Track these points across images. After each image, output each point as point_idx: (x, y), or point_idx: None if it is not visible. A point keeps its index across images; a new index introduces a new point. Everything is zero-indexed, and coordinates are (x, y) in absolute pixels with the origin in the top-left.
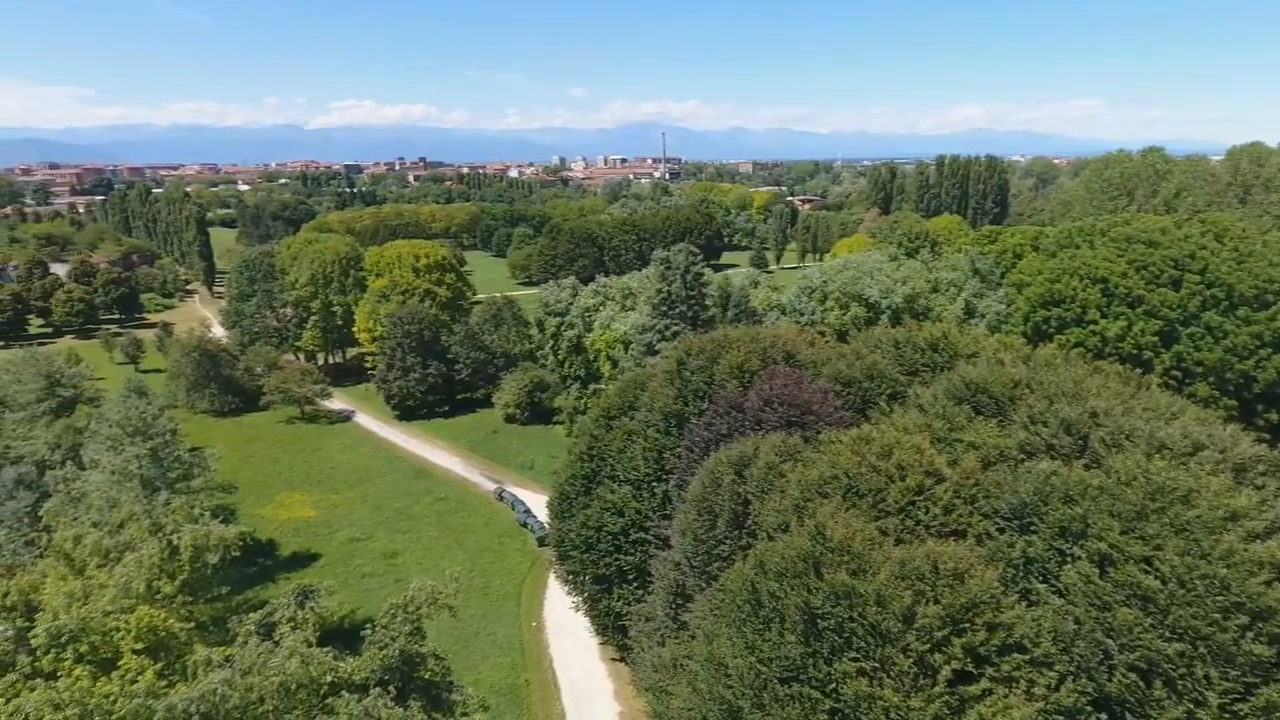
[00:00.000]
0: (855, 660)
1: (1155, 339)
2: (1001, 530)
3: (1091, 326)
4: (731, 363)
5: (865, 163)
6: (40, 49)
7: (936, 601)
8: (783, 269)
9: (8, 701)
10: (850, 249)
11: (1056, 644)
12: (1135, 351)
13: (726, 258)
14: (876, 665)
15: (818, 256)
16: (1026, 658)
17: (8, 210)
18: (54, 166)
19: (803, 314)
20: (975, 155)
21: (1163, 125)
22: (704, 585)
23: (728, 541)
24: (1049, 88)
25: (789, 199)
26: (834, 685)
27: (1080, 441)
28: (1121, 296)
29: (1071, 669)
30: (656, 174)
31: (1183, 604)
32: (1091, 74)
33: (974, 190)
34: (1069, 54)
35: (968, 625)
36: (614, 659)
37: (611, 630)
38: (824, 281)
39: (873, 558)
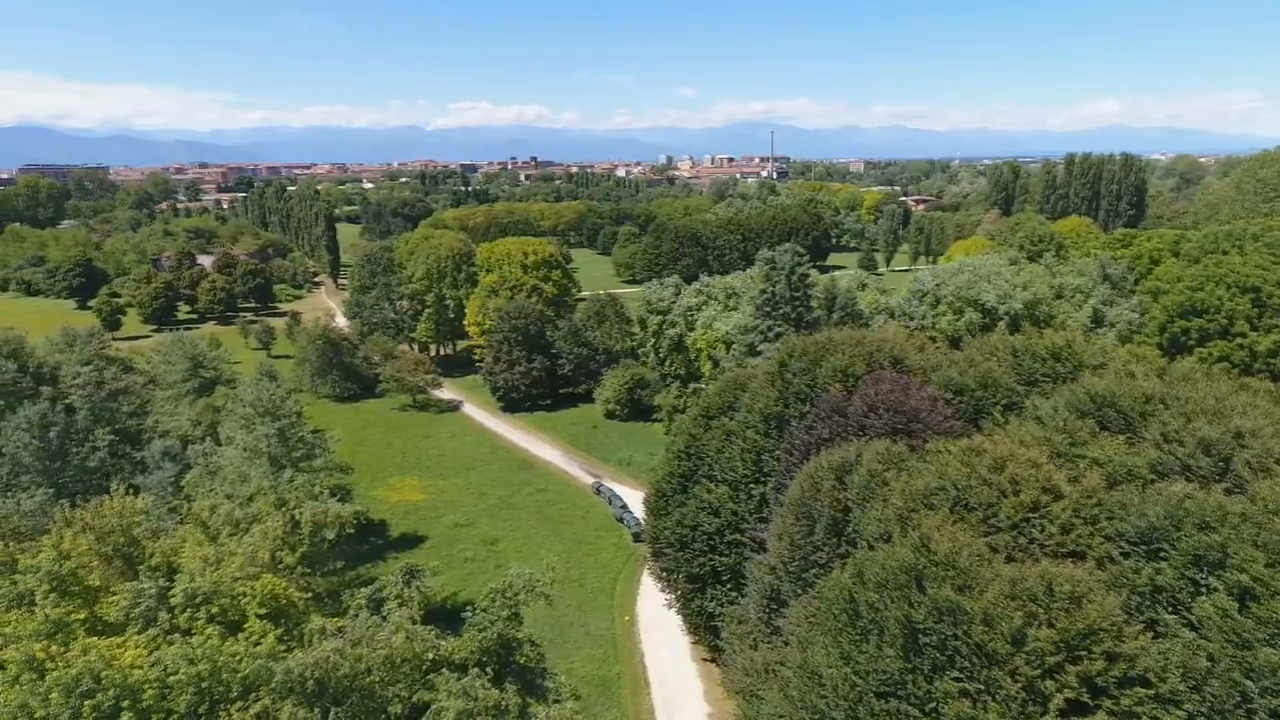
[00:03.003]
0: (958, 680)
1: None
2: (1126, 555)
3: (1239, 339)
4: (835, 366)
5: (985, 162)
6: (192, 59)
7: (1050, 625)
8: (893, 271)
9: (150, 653)
10: (967, 251)
11: (1186, 681)
12: None
13: (834, 259)
14: (981, 687)
15: (931, 259)
16: (1151, 693)
17: (163, 206)
18: (203, 165)
19: (912, 318)
20: (1109, 153)
21: None
22: (799, 591)
23: (826, 548)
24: (1196, 80)
25: (902, 199)
26: (934, 705)
27: (1221, 463)
28: (1276, 307)
29: (1203, 709)
30: (764, 173)
31: None
32: (1246, 63)
33: (1106, 191)
34: (1220, 42)
35: (1084, 653)
36: (705, 659)
37: (703, 630)
38: (937, 285)
39: (980, 574)
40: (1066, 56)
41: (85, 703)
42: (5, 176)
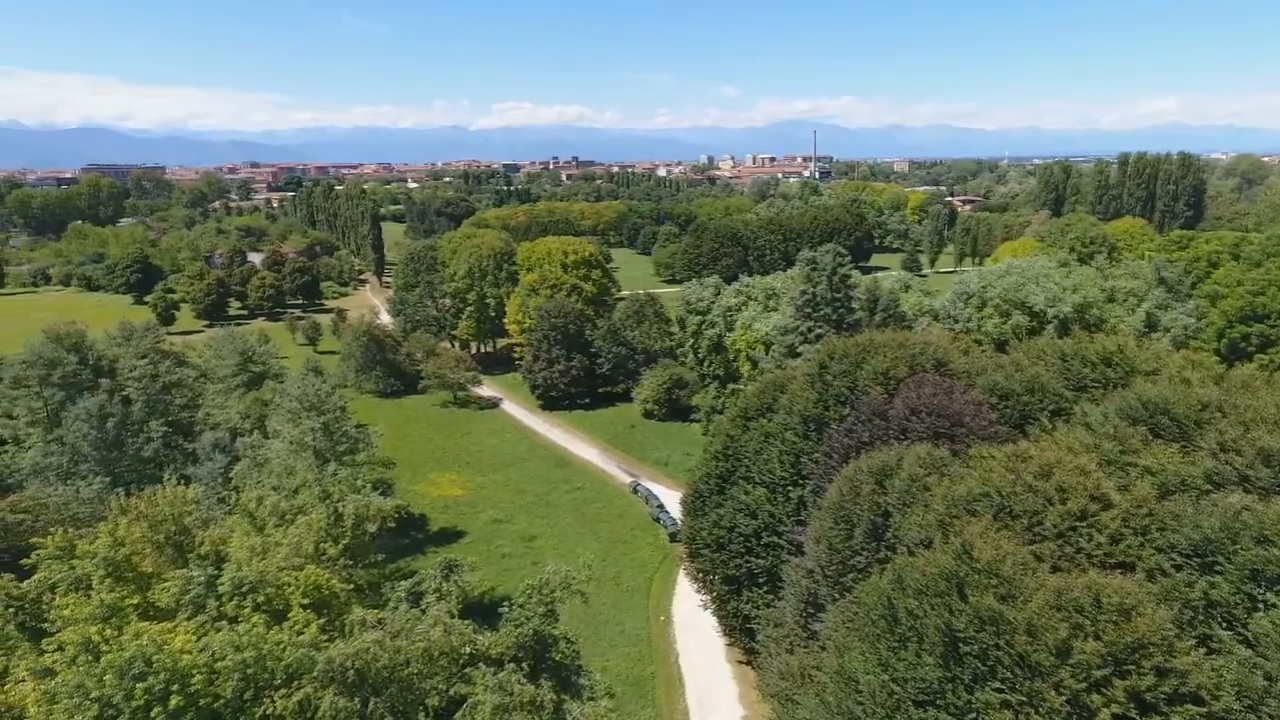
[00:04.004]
0: (1000, 691)
1: None
2: (1178, 567)
3: None
4: (876, 368)
5: (1035, 161)
6: (245, 61)
7: (1097, 638)
8: (937, 273)
9: (199, 639)
10: (1014, 253)
11: (1241, 700)
12: None
13: (877, 260)
14: (1024, 699)
15: (977, 261)
16: (1203, 710)
17: (216, 205)
18: (254, 165)
19: (957, 321)
20: (1165, 152)
21: None
22: (837, 595)
23: (864, 553)
24: (1260, 76)
25: (947, 199)
26: (974, 715)
27: None
28: None
29: None
30: (806, 173)
31: None
32: None
33: (1162, 191)
34: None
35: (1133, 667)
36: (740, 661)
37: (739, 632)
38: (983, 287)
39: (1024, 584)
40: (1121, 52)
41: (137, 685)
42: (69, 175)
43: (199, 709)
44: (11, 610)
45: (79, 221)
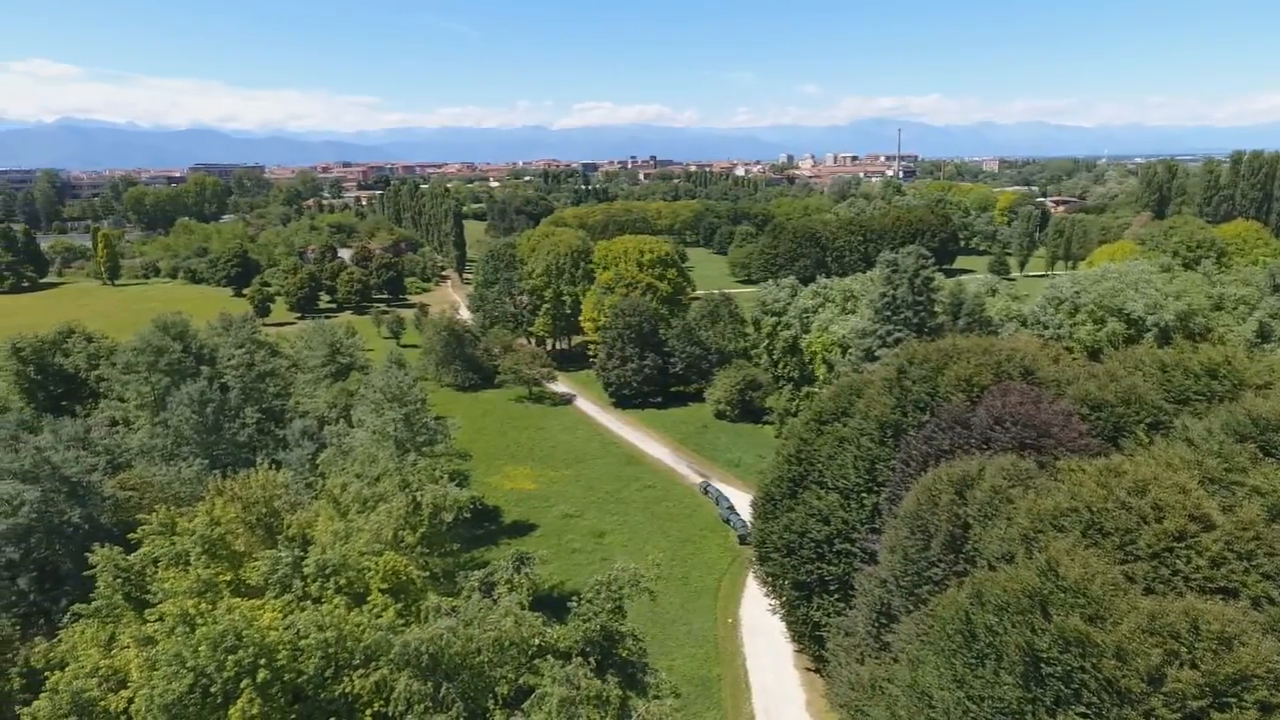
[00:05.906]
0: (1084, 716)
1: None
2: None
3: None
4: (959, 374)
5: (1137, 160)
6: (340, 65)
7: (1194, 666)
8: (1026, 277)
9: (285, 616)
10: (1112, 257)
11: None
12: None
13: (962, 262)
14: None
15: (1070, 265)
16: None
17: (310, 203)
18: (346, 165)
19: (1047, 327)
20: None
21: None
22: (911, 607)
23: (941, 564)
24: None
25: (1040, 200)
26: None
27: None
28: None
29: None
30: (889, 172)
31: None
32: None
33: None
34: None
35: (1233, 700)
36: (808, 668)
37: (808, 639)
38: (1076, 292)
39: (1114, 605)
40: (1238, 42)
41: (229, 657)
42: (178, 175)
43: (284, 683)
44: (119, 580)
45: (186, 218)
